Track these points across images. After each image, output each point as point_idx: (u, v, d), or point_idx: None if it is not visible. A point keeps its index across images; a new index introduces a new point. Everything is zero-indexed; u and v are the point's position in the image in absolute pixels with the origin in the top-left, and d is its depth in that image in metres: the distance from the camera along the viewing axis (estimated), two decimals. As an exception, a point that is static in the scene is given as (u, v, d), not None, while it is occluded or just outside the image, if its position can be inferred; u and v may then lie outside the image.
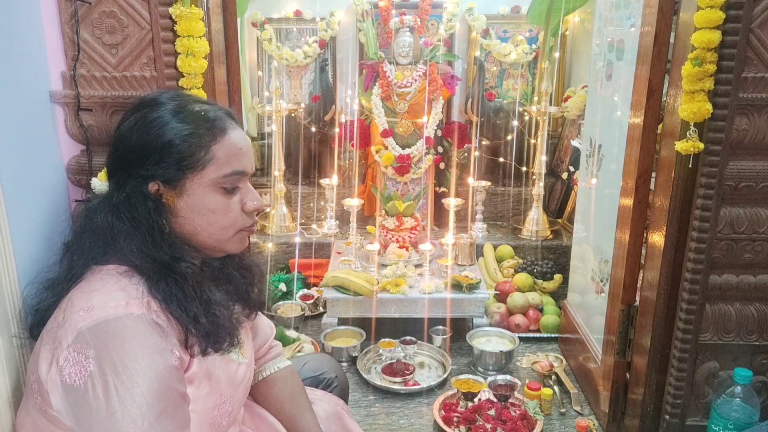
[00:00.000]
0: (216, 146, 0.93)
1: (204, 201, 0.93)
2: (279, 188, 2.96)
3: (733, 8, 1.30)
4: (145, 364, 0.81)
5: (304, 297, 2.61)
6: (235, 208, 0.96)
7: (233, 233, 0.97)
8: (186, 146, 0.91)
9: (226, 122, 0.97)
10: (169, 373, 0.83)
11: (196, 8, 1.31)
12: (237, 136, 0.97)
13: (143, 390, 0.80)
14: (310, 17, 3.23)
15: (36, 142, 1.24)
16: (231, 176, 0.94)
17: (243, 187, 0.98)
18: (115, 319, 0.82)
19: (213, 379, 0.94)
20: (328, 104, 3.14)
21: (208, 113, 0.95)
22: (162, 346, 0.84)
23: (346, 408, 1.32)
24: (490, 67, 3.30)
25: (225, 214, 0.95)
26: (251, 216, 0.99)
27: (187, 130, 0.92)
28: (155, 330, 0.84)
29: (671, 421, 1.60)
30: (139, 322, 0.83)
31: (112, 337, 0.81)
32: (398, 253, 2.55)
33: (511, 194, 3.14)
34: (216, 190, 0.94)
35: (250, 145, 1.00)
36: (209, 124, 0.94)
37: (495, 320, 2.41)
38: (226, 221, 0.95)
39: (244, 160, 0.97)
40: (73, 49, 1.31)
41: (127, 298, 0.85)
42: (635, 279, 1.71)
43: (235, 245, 0.99)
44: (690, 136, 1.39)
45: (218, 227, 0.95)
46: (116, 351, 0.80)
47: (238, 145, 0.96)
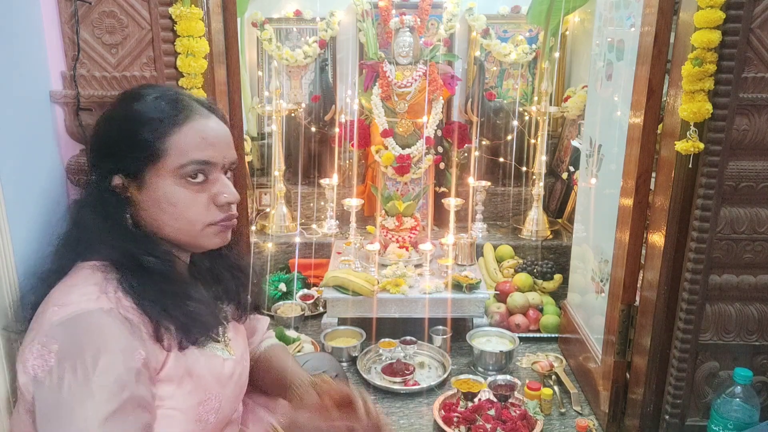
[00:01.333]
0: (175, 136, 0.90)
1: (165, 194, 0.90)
2: (279, 188, 2.96)
3: (733, 8, 1.30)
4: (104, 364, 0.79)
5: (304, 297, 2.61)
6: (201, 201, 0.92)
7: (201, 227, 0.93)
8: (143, 137, 0.90)
9: (193, 112, 0.93)
10: (128, 375, 0.81)
11: (196, 8, 1.31)
12: (201, 125, 0.92)
13: (95, 390, 0.78)
14: (310, 17, 3.23)
15: (36, 142, 1.24)
16: (189, 166, 0.90)
17: (215, 180, 0.94)
18: (85, 314, 0.82)
19: (195, 376, 0.92)
20: (328, 104, 3.14)
21: (170, 103, 0.92)
22: (126, 346, 0.82)
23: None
24: (490, 67, 3.30)
25: (188, 207, 0.91)
26: (224, 210, 0.94)
27: (146, 120, 0.90)
28: (123, 326, 0.83)
29: (671, 421, 1.60)
30: (107, 318, 0.82)
31: (78, 333, 0.81)
32: (398, 253, 2.55)
33: (511, 194, 3.14)
34: (179, 182, 0.90)
35: (222, 136, 0.95)
36: (169, 113, 0.91)
37: (495, 320, 2.41)
38: (191, 215, 0.91)
39: (208, 150, 0.92)
40: (73, 49, 1.31)
41: (98, 293, 0.85)
42: (635, 279, 1.71)
43: (209, 240, 0.95)
44: (690, 136, 1.39)
45: (183, 222, 0.92)
46: (78, 348, 0.80)
47: (200, 134, 0.92)
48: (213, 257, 1.04)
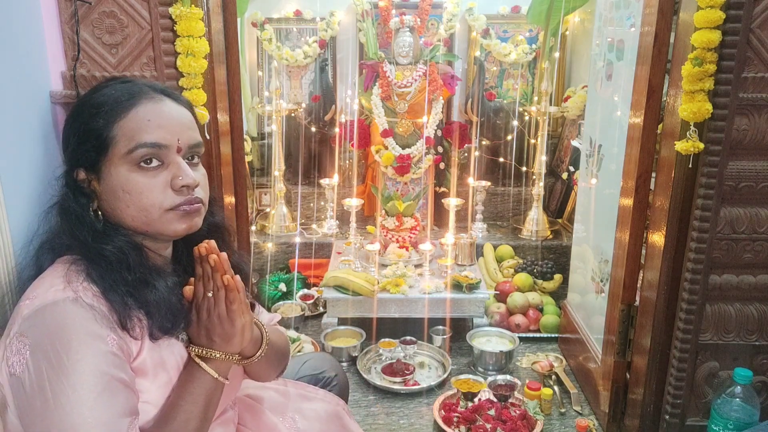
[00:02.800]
0: (122, 122, 0.89)
1: (119, 182, 0.89)
2: (279, 188, 2.96)
3: (733, 8, 1.30)
4: (77, 350, 0.79)
5: (304, 297, 2.61)
6: (156, 185, 0.89)
7: (159, 213, 0.90)
8: (92, 126, 0.89)
9: (141, 96, 0.91)
10: (105, 358, 0.81)
11: (196, 8, 1.31)
12: (148, 108, 0.90)
13: (74, 377, 0.78)
14: (310, 17, 3.23)
15: (36, 142, 1.24)
16: (139, 150, 0.88)
17: (171, 163, 0.91)
18: (52, 305, 0.82)
19: (169, 368, 0.91)
20: (328, 104, 3.14)
21: (118, 91, 0.91)
22: (96, 332, 0.82)
23: (346, 408, 1.32)
24: (490, 67, 3.30)
25: (143, 194, 0.89)
26: (182, 193, 0.91)
27: (95, 110, 0.90)
28: (90, 314, 0.82)
29: (671, 421, 1.60)
30: (74, 306, 0.82)
31: (46, 324, 0.81)
32: (398, 253, 2.55)
33: (511, 194, 3.14)
34: (132, 168, 0.89)
35: (175, 117, 0.93)
36: (115, 100, 0.90)
37: (495, 320, 2.41)
38: (146, 201, 0.89)
39: (156, 132, 0.89)
40: (73, 49, 1.31)
41: (64, 283, 0.84)
42: (635, 279, 1.71)
43: (171, 226, 0.92)
44: (690, 136, 1.39)
45: (137, 208, 0.90)
46: (49, 337, 0.80)
47: (146, 117, 0.89)
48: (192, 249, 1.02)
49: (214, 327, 0.92)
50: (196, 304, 0.93)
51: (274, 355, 1.10)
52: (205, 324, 0.92)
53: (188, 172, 0.91)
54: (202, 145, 0.97)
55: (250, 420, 1.15)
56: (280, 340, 1.15)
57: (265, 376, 1.15)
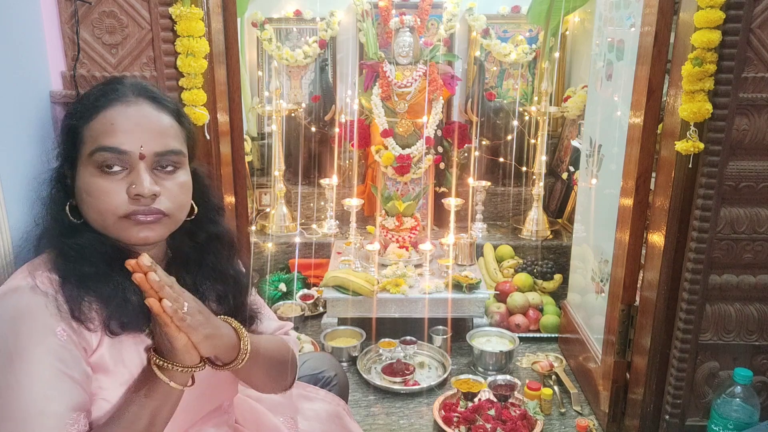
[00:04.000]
0: (91, 123, 0.89)
1: (83, 183, 0.89)
2: (279, 188, 2.96)
3: (733, 8, 1.30)
4: (27, 339, 0.80)
5: (304, 297, 2.61)
6: (114, 190, 0.88)
7: (113, 220, 0.88)
8: (69, 124, 0.91)
9: (116, 98, 0.90)
10: (53, 351, 0.81)
11: (196, 8, 1.31)
12: (116, 112, 0.89)
13: (22, 366, 0.79)
14: (310, 17, 3.23)
15: (36, 142, 1.24)
16: (98, 153, 0.87)
17: (133, 170, 0.89)
18: (11, 291, 0.83)
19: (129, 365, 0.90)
20: (328, 104, 3.14)
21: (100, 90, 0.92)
22: (47, 322, 0.82)
23: (346, 408, 1.32)
24: (490, 67, 3.30)
25: (99, 198, 0.88)
26: (137, 202, 0.88)
27: (75, 108, 0.92)
28: (43, 301, 0.82)
29: (671, 421, 1.60)
30: (29, 294, 0.83)
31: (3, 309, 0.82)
32: (398, 253, 2.55)
33: (511, 194, 3.14)
34: (95, 172, 0.88)
35: (142, 123, 0.90)
36: (93, 100, 0.90)
37: (495, 320, 2.41)
38: (102, 206, 0.88)
39: (117, 137, 0.87)
40: (73, 49, 1.31)
41: (27, 272, 0.86)
42: (635, 279, 1.71)
43: (124, 233, 0.89)
44: (690, 136, 1.39)
45: (95, 212, 0.89)
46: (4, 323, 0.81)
47: (111, 120, 0.88)
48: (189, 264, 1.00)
49: (159, 340, 0.89)
50: None
51: (268, 365, 1.06)
52: (158, 336, 0.89)
53: (144, 181, 0.88)
54: (180, 153, 0.93)
55: (250, 420, 1.15)
56: (279, 351, 1.10)
57: (265, 387, 1.10)
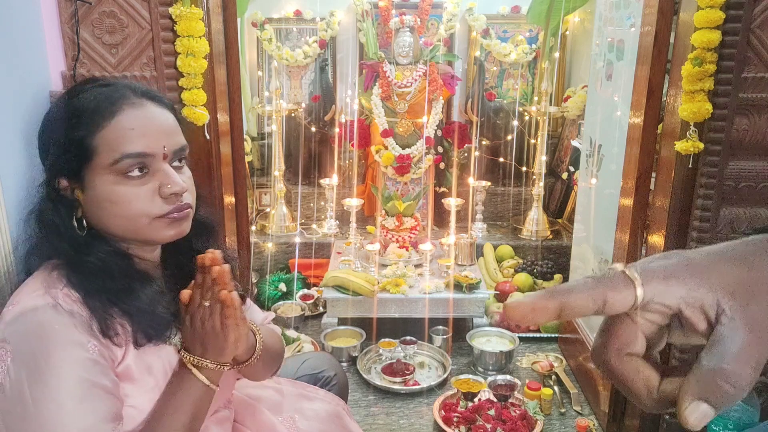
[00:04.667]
0: (103, 131, 0.86)
1: (105, 192, 0.87)
2: (279, 188, 2.96)
3: (733, 8, 1.30)
4: (57, 356, 0.79)
5: (304, 297, 2.61)
6: (145, 195, 0.87)
7: (148, 222, 0.88)
8: (73, 136, 0.86)
9: (122, 103, 0.88)
10: (84, 364, 0.80)
11: (196, 8, 1.31)
12: (131, 116, 0.87)
13: (53, 384, 0.78)
14: (310, 17, 3.23)
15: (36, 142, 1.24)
16: (123, 161, 0.85)
17: (158, 170, 0.88)
18: (31, 311, 0.81)
19: (155, 372, 0.90)
20: (328, 104, 3.14)
21: (98, 96, 0.88)
22: (76, 338, 0.81)
23: (346, 408, 1.32)
24: (490, 67, 3.30)
25: (130, 204, 0.87)
26: (170, 201, 0.89)
27: (75, 118, 0.87)
28: (70, 320, 0.81)
29: (671, 421, 1.60)
30: (53, 313, 0.81)
31: (27, 330, 0.80)
32: (398, 253, 2.55)
33: (511, 194, 3.14)
34: (117, 179, 0.86)
35: (158, 123, 0.89)
36: (96, 108, 0.87)
37: (495, 320, 2.41)
38: (134, 211, 0.87)
39: (140, 141, 0.86)
40: (73, 49, 1.31)
41: (44, 289, 0.84)
42: (635, 279, 1.70)
43: (159, 233, 0.90)
44: (690, 136, 1.39)
45: (124, 219, 0.87)
46: (29, 344, 0.80)
47: (128, 126, 0.86)
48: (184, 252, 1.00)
49: (207, 338, 0.90)
50: (192, 310, 0.90)
51: (268, 358, 1.09)
52: (199, 333, 0.90)
53: (176, 179, 0.89)
54: (187, 147, 0.94)
55: (250, 420, 1.15)
56: (274, 341, 1.14)
57: (259, 377, 1.14)
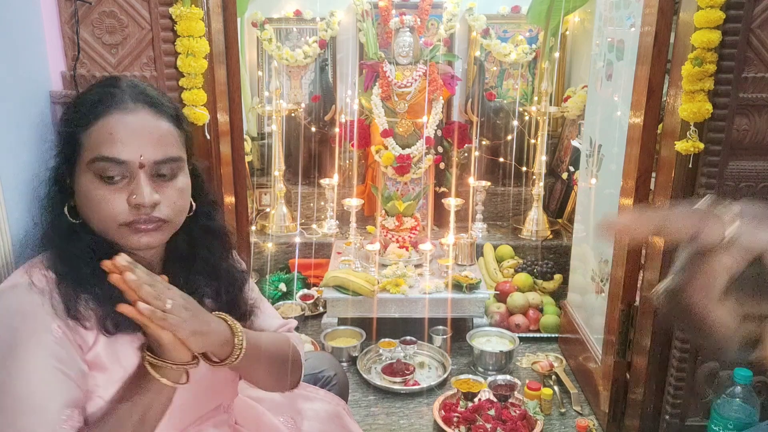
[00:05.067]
0: (89, 130, 0.88)
1: (84, 189, 0.89)
2: (279, 188, 2.96)
3: (733, 8, 1.30)
4: (22, 337, 0.82)
5: (304, 297, 2.61)
6: (115, 200, 0.88)
7: (114, 227, 0.89)
8: (67, 129, 0.91)
9: (115, 105, 0.89)
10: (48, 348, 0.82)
11: (196, 8, 1.31)
12: (115, 120, 0.88)
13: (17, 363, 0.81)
14: (310, 17, 3.23)
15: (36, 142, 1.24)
16: (97, 163, 0.87)
17: (134, 179, 0.88)
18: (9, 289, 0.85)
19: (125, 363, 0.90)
20: (328, 104, 3.14)
21: (97, 94, 0.91)
22: (43, 320, 0.83)
23: (347, 408, 1.32)
24: (490, 67, 3.30)
25: (100, 205, 0.88)
26: (138, 211, 0.88)
27: (73, 111, 0.91)
28: (39, 299, 0.84)
29: (671, 421, 1.60)
30: (25, 292, 0.84)
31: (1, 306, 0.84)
32: (398, 253, 2.55)
33: (511, 194, 3.14)
34: (94, 179, 0.88)
35: (142, 132, 0.89)
36: (90, 106, 0.89)
37: (495, 320, 2.41)
38: (103, 213, 0.88)
39: (116, 146, 0.87)
40: (73, 49, 1.31)
41: (27, 268, 0.87)
42: (635, 279, 1.70)
43: (125, 240, 0.90)
44: (690, 136, 1.39)
45: (98, 218, 0.89)
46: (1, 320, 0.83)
47: (110, 130, 0.87)
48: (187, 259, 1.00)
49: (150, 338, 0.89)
50: None
51: (269, 362, 1.06)
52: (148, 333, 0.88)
53: (144, 191, 0.88)
54: (179, 159, 0.93)
55: (250, 420, 1.15)
56: (279, 346, 1.10)
57: (267, 385, 1.11)
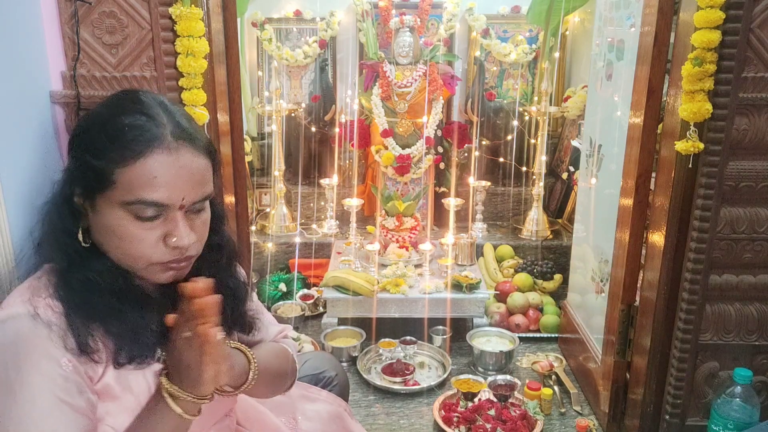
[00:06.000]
0: (124, 170, 0.82)
1: (112, 224, 0.84)
2: (279, 188, 2.96)
3: (733, 8, 1.30)
4: (27, 369, 0.77)
5: (304, 297, 2.61)
6: (149, 238, 0.84)
7: (145, 264, 0.86)
8: (95, 164, 0.83)
9: (156, 143, 0.83)
10: (55, 381, 0.78)
11: (196, 8, 1.31)
12: (158, 163, 0.82)
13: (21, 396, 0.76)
14: (310, 17, 3.23)
15: (36, 142, 1.24)
16: (136, 205, 0.82)
17: (169, 218, 0.85)
18: (11, 318, 0.80)
19: (136, 392, 0.87)
20: (328, 104, 3.14)
21: (135, 127, 0.83)
22: (50, 352, 0.79)
23: (348, 409, 1.32)
24: (490, 67, 3.30)
25: (133, 244, 0.84)
26: (173, 252, 0.86)
27: (104, 143, 0.83)
28: (46, 332, 0.79)
29: (671, 421, 1.60)
30: (30, 323, 0.79)
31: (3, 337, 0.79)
32: (398, 253, 2.55)
33: (511, 194, 3.14)
34: (127, 216, 0.83)
35: (185, 174, 0.85)
36: (128, 140, 0.82)
37: (495, 320, 2.41)
38: (135, 251, 0.85)
39: (160, 191, 0.82)
40: (73, 49, 1.31)
41: (29, 296, 0.82)
42: (635, 279, 1.71)
43: (154, 276, 0.88)
44: (690, 136, 1.39)
45: (124, 254, 0.85)
46: (2, 353, 0.78)
47: (152, 173, 0.82)
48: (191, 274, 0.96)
49: (183, 369, 0.85)
50: (174, 338, 0.86)
51: (269, 379, 1.06)
52: (176, 363, 0.86)
53: (184, 232, 0.85)
54: (212, 194, 0.91)
55: (252, 421, 1.15)
56: (280, 362, 1.10)
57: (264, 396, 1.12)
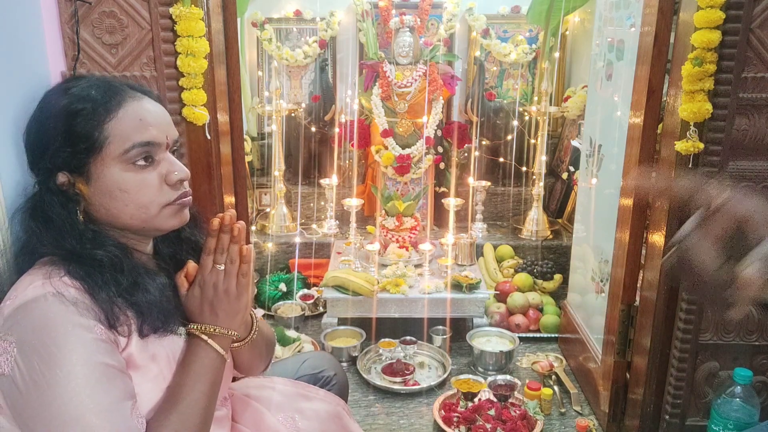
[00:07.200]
0: (111, 123, 0.88)
1: (115, 182, 0.89)
2: (279, 188, 2.96)
3: (733, 8, 1.30)
4: (66, 341, 0.79)
5: (304, 297, 2.61)
6: (153, 182, 0.91)
7: (157, 210, 0.92)
8: (79, 129, 0.87)
9: (123, 95, 0.90)
10: (94, 346, 0.81)
11: (196, 8, 1.32)
12: (137, 107, 0.90)
13: (68, 367, 0.78)
14: (310, 17, 3.23)
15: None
16: (134, 150, 0.88)
17: (162, 159, 0.92)
18: (33, 301, 0.81)
19: (159, 360, 0.90)
20: (328, 104, 3.14)
21: (99, 90, 0.90)
22: (82, 322, 0.81)
23: (346, 408, 1.32)
24: (490, 67, 3.30)
25: (140, 190, 0.90)
26: (176, 188, 0.93)
27: (78, 112, 0.88)
28: (73, 307, 0.82)
29: (671, 421, 1.60)
30: (55, 300, 0.81)
31: (31, 319, 0.80)
32: (398, 253, 2.55)
33: (511, 194, 3.14)
34: (126, 167, 0.89)
35: (160, 114, 0.93)
36: (100, 101, 0.89)
37: (495, 320, 2.41)
38: (144, 198, 0.90)
39: (149, 130, 0.90)
40: (73, 49, 1.31)
41: (43, 279, 0.84)
42: (635, 279, 1.71)
43: (166, 221, 0.94)
44: (690, 136, 1.39)
45: (135, 206, 0.90)
46: (35, 332, 0.79)
47: (137, 116, 0.90)
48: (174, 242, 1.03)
49: (220, 302, 0.93)
50: (202, 279, 0.94)
51: (262, 343, 1.12)
52: (210, 299, 0.93)
53: (180, 165, 0.93)
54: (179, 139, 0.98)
55: (249, 419, 1.15)
56: (267, 328, 1.18)
57: (254, 367, 1.15)
